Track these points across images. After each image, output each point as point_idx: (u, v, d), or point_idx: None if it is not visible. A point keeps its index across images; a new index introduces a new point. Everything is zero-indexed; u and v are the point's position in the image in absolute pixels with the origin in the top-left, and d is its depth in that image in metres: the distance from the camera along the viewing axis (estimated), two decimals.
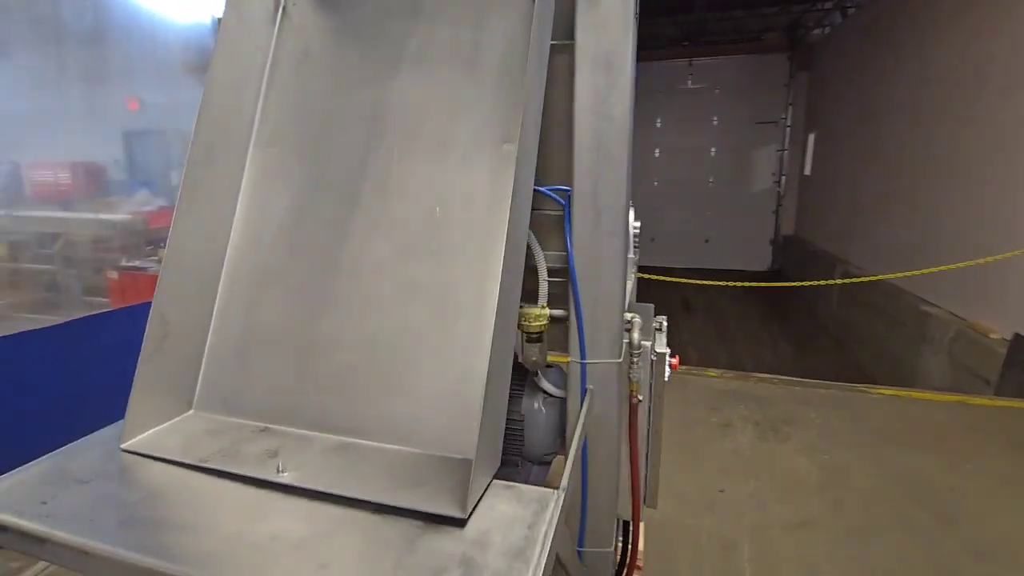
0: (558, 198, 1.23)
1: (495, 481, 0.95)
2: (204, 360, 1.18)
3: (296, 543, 0.80)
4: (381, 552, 0.78)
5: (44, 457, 1.00)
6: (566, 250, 1.23)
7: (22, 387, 2.65)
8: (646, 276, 5.62)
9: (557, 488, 0.92)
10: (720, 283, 5.67)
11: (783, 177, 10.57)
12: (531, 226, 1.29)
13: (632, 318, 1.42)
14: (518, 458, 1.45)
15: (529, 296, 1.30)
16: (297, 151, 1.24)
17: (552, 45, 1.20)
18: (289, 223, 1.21)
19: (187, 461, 0.98)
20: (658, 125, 10.82)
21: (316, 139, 1.24)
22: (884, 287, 6.10)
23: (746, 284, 6.00)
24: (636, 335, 1.34)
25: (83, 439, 1.07)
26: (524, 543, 0.79)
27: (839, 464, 3.25)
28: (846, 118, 8.31)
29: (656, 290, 5.77)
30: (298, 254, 1.19)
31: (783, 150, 10.47)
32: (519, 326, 1.49)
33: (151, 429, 1.08)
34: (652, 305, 1.76)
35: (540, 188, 1.28)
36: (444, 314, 1.06)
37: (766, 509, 2.84)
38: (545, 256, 1.28)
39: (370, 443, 1.04)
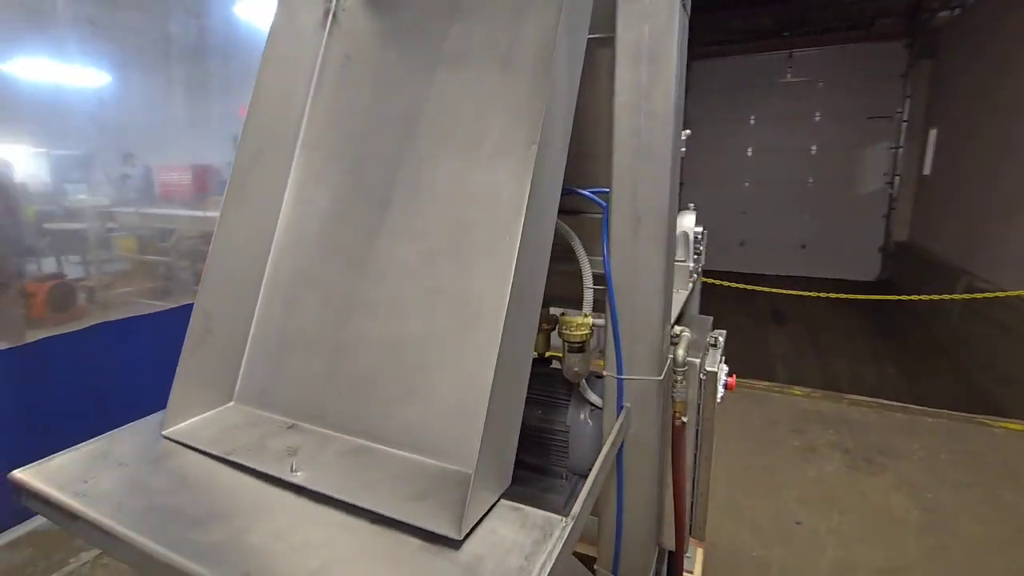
0: (600, 200, 1.16)
1: (503, 501, 0.90)
2: (245, 355, 1.23)
3: (296, 547, 0.80)
4: (370, 567, 0.76)
5: (98, 437, 1.09)
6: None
7: (139, 362, 3.00)
8: (726, 284, 5.29)
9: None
10: (817, 294, 5.19)
11: (896, 177, 9.52)
12: (576, 230, 1.23)
13: (681, 332, 1.31)
14: (564, 470, 1.39)
15: (576, 303, 1.23)
16: (337, 154, 1.26)
17: (594, 39, 1.12)
18: (326, 225, 1.23)
19: (214, 452, 1.02)
20: (752, 123, 10.15)
21: (355, 142, 1.25)
22: (1016, 304, 5.31)
23: (849, 296, 5.46)
24: (681, 351, 1.23)
25: (134, 423, 1.15)
26: (517, 574, 0.74)
27: (945, 505, 2.85)
28: (976, 112, 7.32)
29: (743, 299, 5.41)
30: (333, 256, 1.20)
31: (897, 148, 9.42)
32: (560, 334, 1.43)
33: (191, 419, 1.14)
34: (710, 318, 1.62)
35: (580, 190, 1.22)
36: (465, 320, 1.02)
37: (849, 548, 2.55)
38: (591, 262, 1.21)
39: (385, 449, 1.03)
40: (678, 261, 1.66)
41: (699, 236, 1.72)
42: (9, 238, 2.83)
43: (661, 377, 1.18)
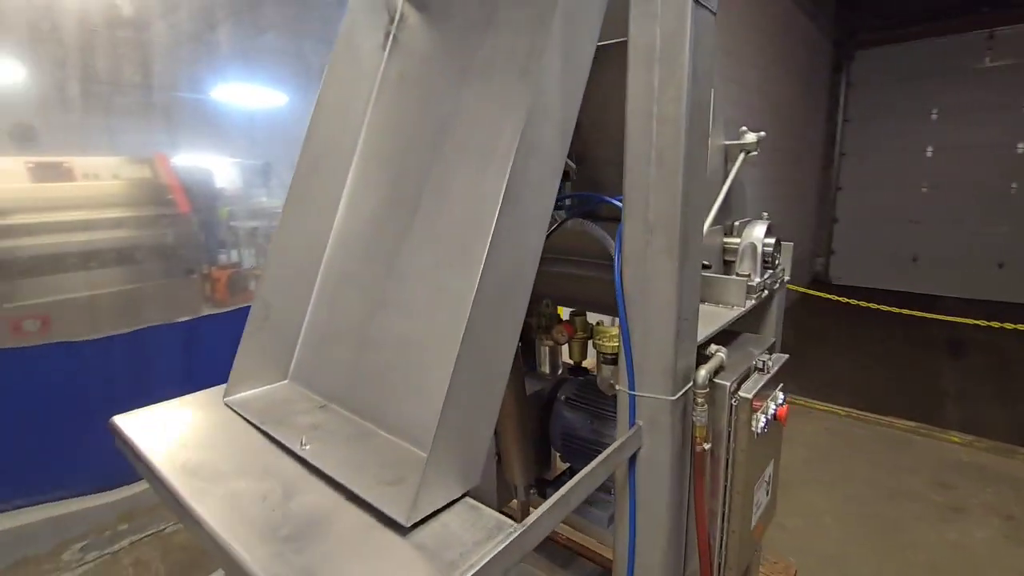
0: (617, 203, 1.13)
1: (467, 499, 0.93)
2: (299, 341, 1.40)
3: (274, 504, 0.92)
4: (322, 529, 0.84)
5: (183, 397, 1.33)
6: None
7: None
8: (872, 306, 4.60)
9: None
10: (1015, 326, 4.14)
11: None
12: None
13: (715, 351, 1.21)
14: (611, 484, 1.37)
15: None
16: (384, 163, 1.39)
17: (610, 45, 1.10)
18: (369, 228, 1.36)
19: (252, 420, 1.19)
20: (933, 117, 8.66)
21: (399, 151, 1.36)
22: None
23: None
24: (704, 372, 1.14)
25: (212, 388, 1.37)
26: (445, 568, 0.77)
27: None
28: None
29: (909, 324, 4.70)
30: (371, 257, 1.32)
31: None
32: (594, 345, 1.41)
33: (249, 391, 1.33)
34: (772, 339, 1.47)
35: (606, 198, 1.20)
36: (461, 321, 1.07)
37: None
38: None
39: (386, 436, 1.12)
40: (740, 275, 1.53)
41: (771, 249, 1.56)
42: (207, 233, 3.50)
43: (674, 396, 1.11)
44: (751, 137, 1.58)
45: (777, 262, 1.64)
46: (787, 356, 1.42)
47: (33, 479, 2.66)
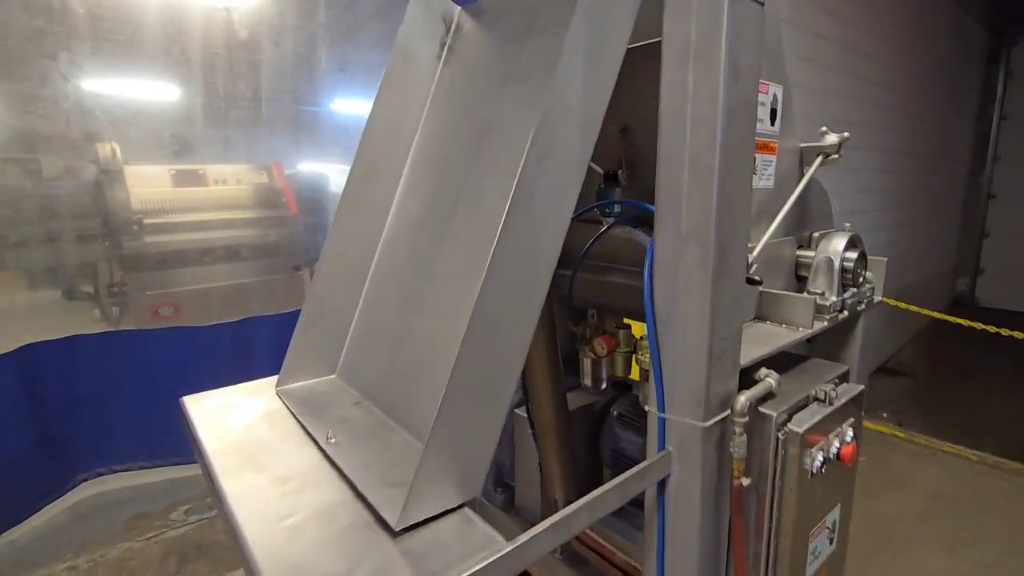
0: (649, 206, 1.06)
1: (465, 510, 0.91)
2: (348, 337, 1.48)
3: (286, 492, 0.96)
4: (318, 524, 0.87)
5: (242, 384, 1.45)
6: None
7: None
8: (1016, 335, 3.90)
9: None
10: None
11: None
12: None
13: (764, 376, 1.10)
14: None
15: None
16: (430, 169, 1.42)
17: (646, 46, 1.04)
18: (413, 231, 1.39)
19: (292, 409, 1.26)
20: None
21: (442, 158, 1.38)
22: None
23: None
24: (743, 398, 1.03)
25: (270, 377, 1.48)
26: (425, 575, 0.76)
27: None
28: None
29: None
30: (412, 259, 1.36)
31: None
32: (637, 361, 1.34)
33: (298, 382, 1.42)
34: (846, 367, 1.30)
35: (642, 203, 1.14)
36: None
37: None
38: None
39: (405, 435, 1.13)
40: (812, 293, 1.37)
41: (852, 264, 1.38)
42: (313, 233, 3.83)
43: (705, 423, 1.01)
44: (831, 139, 1.41)
45: (862, 279, 1.44)
46: (861, 388, 1.24)
47: (156, 444, 3.04)
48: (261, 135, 3.57)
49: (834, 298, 1.37)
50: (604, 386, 1.52)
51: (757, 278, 1.12)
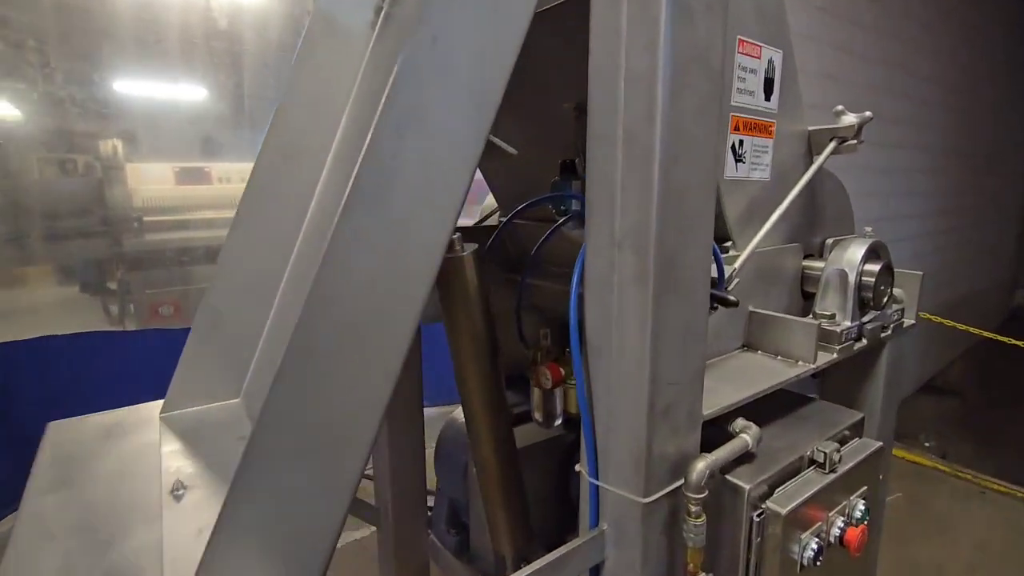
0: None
1: None
2: (256, 355, 1.25)
3: (92, 550, 0.74)
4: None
5: (129, 407, 1.24)
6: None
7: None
8: None
9: None
10: None
11: None
12: None
13: (740, 430, 0.82)
14: None
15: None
16: (357, 157, 1.18)
17: None
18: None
19: (165, 443, 1.04)
20: None
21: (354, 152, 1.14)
22: None
23: None
24: (701, 464, 0.75)
25: (155, 401, 1.26)
26: None
27: None
28: None
29: None
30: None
31: None
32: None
33: (191, 407, 1.20)
34: (859, 416, 1.00)
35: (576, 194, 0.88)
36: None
37: None
38: None
39: None
40: (820, 315, 1.07)
41: (872, 279, 1.07)
42: None
43: (646, 499, 0.73)
44: (848, 120, 1.11)
45: (887, 299, 1.13)
46: (878, 445, 0.94)
47: None
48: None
49: (848, 323, 1.07)
50: (558, 422, 1.25)
51: (732, 297, 0.84)
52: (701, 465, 0.74)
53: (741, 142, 0.99)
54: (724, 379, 0.93)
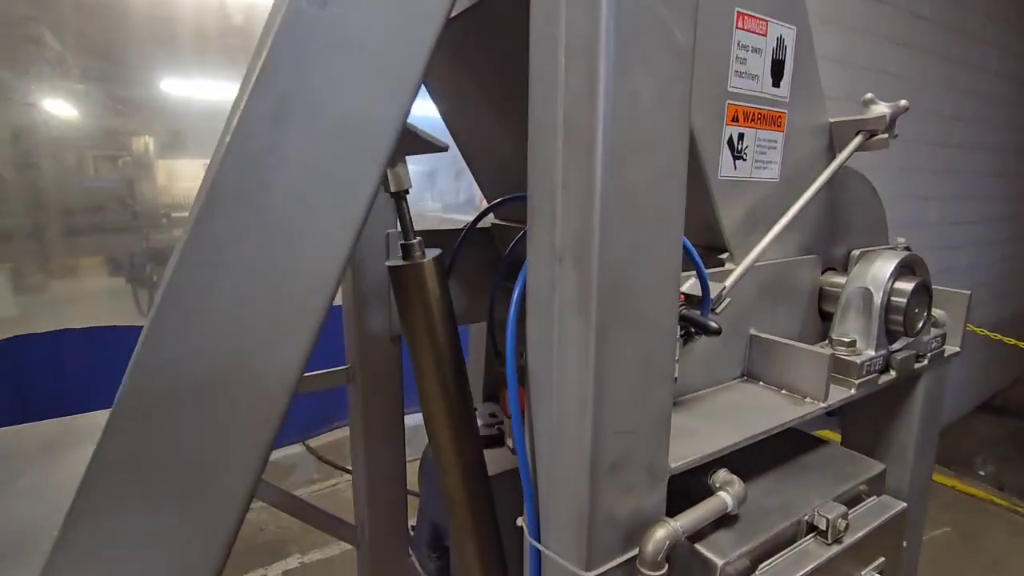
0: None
1: None
2: None
3: None
4: None
5: (74, 417, 1.17)
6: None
7: None
8: None
9: None
10: None
11: None
12: None
13: (720, 486, 0.67)
14: None
15: None
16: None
17: None
18: None
19: None
20: None
21: None
22: None
23: None
24: (661, 533, 0.60)
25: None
26: None
27: None
28: None
29: None
30: None
31: None
32: None
33: None
34: (879, 468, 0.83)
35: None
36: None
37: None
38: None
39: None
40: (839, 341, 0.89)
41: (904, 300, 0.89)
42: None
43: (588, 573, 0.59)
44: (879, 110, 0.93)
45: (922, 323, 0.95)
46: (901, 507, 0.76)
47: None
48: None
49: (871, 352, 0.89)
50: None
51: (713, 324, 0.68)
52: (660, 533, 0.60)
53: (741, 135, 0.83)
54: (710, 417, 0.77)
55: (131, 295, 2.96)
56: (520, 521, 0.69)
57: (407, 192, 0.80)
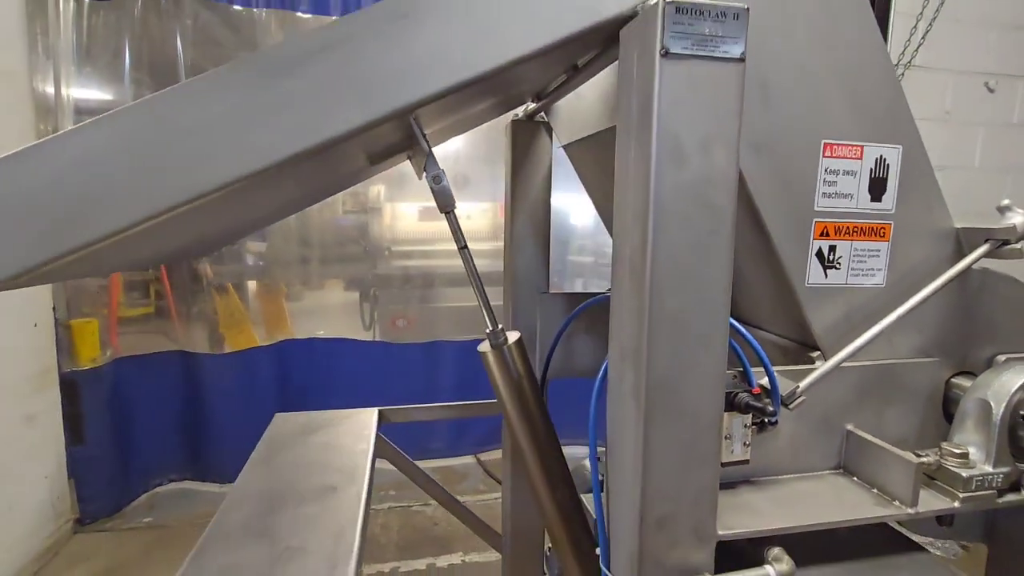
0: None
1: None
2: None
3: (261, 531, 1.09)
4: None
5: (345, 410, 1.67)
6: None
7: None
8: None
9: None
10: None
11: None
12: None
13: (772, 559, 0.80)
14: None
15: None
16: None
17: None
18: None
19: (384, 453, 1.41)
20: None
21: None
22: None
23: None
24: None
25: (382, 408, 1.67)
26: None
27: None
28: None
29: None
30: None
31: None
32: None
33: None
34: None
35: None
36: None
37: None
38: None
39: None
40: (950, 451, 0.89)
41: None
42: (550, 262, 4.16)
43: None
44: (1014, 219, 0.91)
45: None
46: None
47: None
48: (499, 173, 3.98)
49: (988, 467, 0.87)
50: None
51: (769, 420, 0.80)
52: None
53: (832, 247, 0.91)
54: (780, 499, 0.87)
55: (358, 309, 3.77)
56: (597, 551, 0.89)
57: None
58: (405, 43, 0.68)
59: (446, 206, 0.94)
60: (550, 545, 1.89)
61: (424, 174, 0.94)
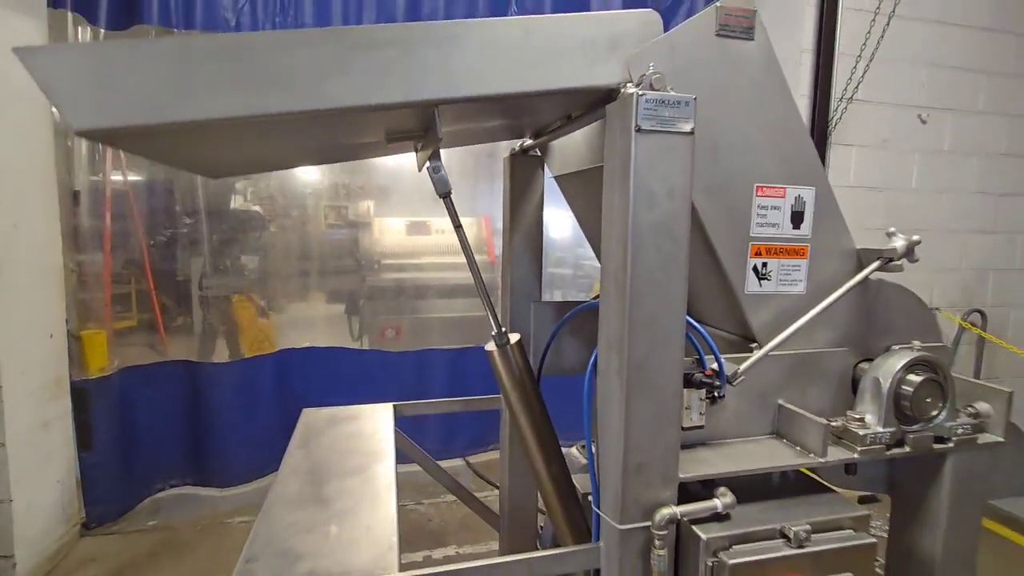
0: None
1: None
2: None
3: (312, 498, 1.32)
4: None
5: (363, 405, 1.90)
6: None
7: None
8: None
9: None
10: None
11: None
12: None
13: (719, 495, 1.07)
14: None
15: None
16: None
17: None
18: None
19: (398, 443, 1.65)
20: None
21: None
22: None
23: None
24: (666, 511, 1.03)
25: (397, 403, 1.91)
26: None
27: None
28: None
29: None
30: None
31: None
32: None
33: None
34: (863, 513, 1.13)
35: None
36: None
37: None
38: None
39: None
40: (853, 417, 1.19)
41: (911, 390, 1.16)
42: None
43: (622, 527, 1.03)
44: (896, 243, 1.22)
45: (937, 412, 1.19)
46: (870, 541, 1.04)
47: None
48: (481, 190, 4.21)
49: (879, 428, 1.17)
50: None
51: (718, 393, 1.08)
52: (664, 511, 1.02)
53: (765, 264, 1.21)
54: (728, 455, 1.15)
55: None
56: (590, 497, 1.15)
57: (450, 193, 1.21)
58: (449, 55, 0.94)
59: (443, 191, 1.19)
60: (542, 524, 2.15)
61: (427, 164, 1.18)
